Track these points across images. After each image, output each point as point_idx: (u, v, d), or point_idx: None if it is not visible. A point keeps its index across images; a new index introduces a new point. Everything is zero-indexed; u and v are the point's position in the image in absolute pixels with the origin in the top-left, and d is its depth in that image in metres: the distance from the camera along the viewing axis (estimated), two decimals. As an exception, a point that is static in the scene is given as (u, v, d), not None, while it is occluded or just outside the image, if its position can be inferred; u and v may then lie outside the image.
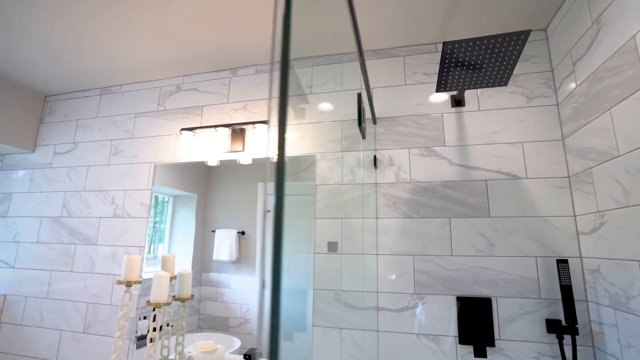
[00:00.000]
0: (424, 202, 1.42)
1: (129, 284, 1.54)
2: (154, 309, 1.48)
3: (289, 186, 1.65)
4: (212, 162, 1.76)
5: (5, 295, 1.99)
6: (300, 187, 1.62)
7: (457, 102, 1.46)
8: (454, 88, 1.25)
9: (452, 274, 1.34)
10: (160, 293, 1.51)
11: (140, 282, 1.58)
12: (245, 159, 1.71)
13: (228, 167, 1.81)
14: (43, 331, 1.86)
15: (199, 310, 1.74)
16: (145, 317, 1.75)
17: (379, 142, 1.53)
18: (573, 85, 1.24)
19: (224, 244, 1.78)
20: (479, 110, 1.44)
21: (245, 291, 1.73)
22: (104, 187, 1.92)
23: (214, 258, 1.75)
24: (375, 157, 1.52)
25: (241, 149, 1.69)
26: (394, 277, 1.40)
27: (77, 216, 1.94)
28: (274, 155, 1.58)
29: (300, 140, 1.65)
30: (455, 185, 1.41)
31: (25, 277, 1.98)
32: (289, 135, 1.67)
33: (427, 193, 1.43)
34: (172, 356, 1.66)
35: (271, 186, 1.69)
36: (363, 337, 1.39)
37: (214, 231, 1.81)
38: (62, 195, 2.01)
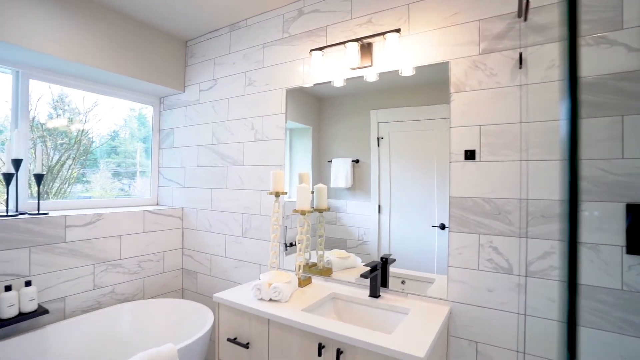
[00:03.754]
0: (587, 100, 1.23)
1: (277, 195, 1.78)
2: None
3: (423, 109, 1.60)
4: (338, 82, 1.80)
5: (182, 208, 2.53)
6: (432, 96, 1.56)
7: (645, -32, 1.15)
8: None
9: (621, 179, 1.18)
10: (304, 202, 1.72)
11: (286, 193, 1.81)
12: (371, 75, 1.70)
13: (340, 98, 1.85)
14: (212, 235, 2.34)
15: (319, 233, 1.93)
16: (292, 244, 2.02)
17: (526, 38, 1.34)
18: None
19: (339, 172, 1.88)
20: (679, -26, 1.12)
21: (360, 215, 1.83)
22: (244, 115, 2.17)
23: (331, 185, 1.88)
24: (520, 55, 1.35)
25: (369, 64, 1.68)
26: (545, 183, 1.30)
27: (224, 143, 2.27)
28: (404, 67, 1.53)
29: (430, 48, 1.55)
30: (634, 77, 1.17)
31: (193, 194, 2.46)
32: (413, 45, 1.59)
33: (592, 89, 1.23)
34: (313, 259, 1.92)
35: (383, 114, 1.67)
36: (503, 242, 1.37)
37: (330, 161, 1.92)
38: (210, 126, 2.35)
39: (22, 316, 1.65)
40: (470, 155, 1.45)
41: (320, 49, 1.75)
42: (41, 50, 1.79)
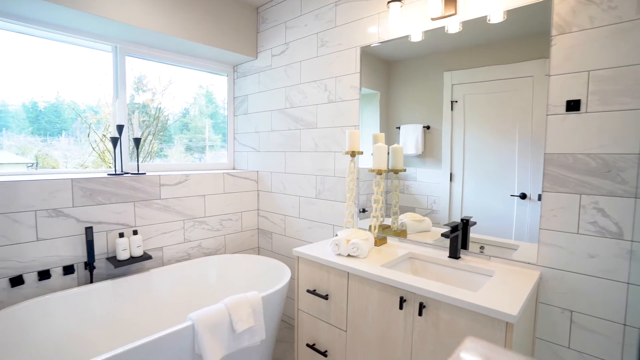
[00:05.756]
0: None
1: (353, 154, 1.78)
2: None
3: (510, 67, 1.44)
4: (416, 36, 1.70)
5: (257, 171, 2.67)
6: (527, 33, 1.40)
7: None
8: None
9: None
10: (380, 161, 1.69)
11: (362, 153, 1.80)
12: (454, 25, 1.57)
13: (411, 61, 1.76)
14: (286, 196, 2.44)
15: (386, 200, 1.89)
16: (363, 210, 2.02)
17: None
18: None
19: (409, 139, 1.80)
20: None
21: (430, 184, 1.75)
22: (316, 78, 2.16)
23: (401, 152, 1.82)
24: (652, -20, 1.12)
25: (453, 12, 1.54)
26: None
27: (298, 106, 2.30)
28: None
29: (528, -14, 1.37)
30: None
31: (268, 157, 2.56)
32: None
33: None
34: (387, 222, 1.91)
35: (458, 75, 1.53)
36: (613, 204, 1.22)
37: (398, 127, 1.84)
38: (283, 90, 2.40)
39: (132, 259, 1.91)
40: (573, 106, 1.29)
41: (399, -1, 1.65)
42: (135, 24, 1.94)
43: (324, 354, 1.57)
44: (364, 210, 2.01)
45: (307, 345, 1.64)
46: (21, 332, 1.55)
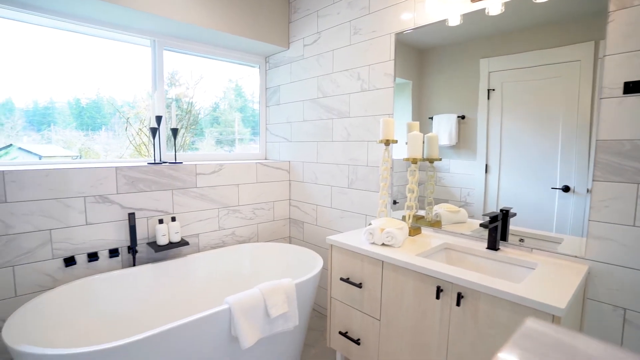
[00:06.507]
0: None
1: (387, 143, 1.75)
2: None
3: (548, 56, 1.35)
4: (454, 19, 1.63)
5: (289, 161, 2.69)
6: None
7: None
8: None
9: None
10: (415, 150, 1.65)
11: (396, 141, 1.77)
12: (495, 6, 1.49)
13: (444, 48, 1.69)
14: (318, 186, 2.44)
15: (429, 183, 1.83)
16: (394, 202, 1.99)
17: None
18: None
19: (442, 130, 1.74)
20: None
21: (464, 175, 1.69)
22: (349, 66, 2.14)
23: (433, 143, 1.76)
24: None
25: (496, -10, 1.47)
26: None
27: (330, 95, 2.29)
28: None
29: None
30: None
31: (299, 148, 2.58)
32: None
33: None
34: (421, 212, 1.86)
35: (496, 62, 1.44)
36: (677, 195, 1.12)
37: (431, 118, 1.78)
38: (315, 80, 2.39)
39: (171, 244, 1.99)
40: (633, 87, 1.19)
41: (438, -20, 1.58)
42: (174, 18, 2.00)
43: (357, 342, 1.57)
44: (395, 202, 1.98)
45: (340, 333, 1.64)
46: (75, 308, 1.67)
